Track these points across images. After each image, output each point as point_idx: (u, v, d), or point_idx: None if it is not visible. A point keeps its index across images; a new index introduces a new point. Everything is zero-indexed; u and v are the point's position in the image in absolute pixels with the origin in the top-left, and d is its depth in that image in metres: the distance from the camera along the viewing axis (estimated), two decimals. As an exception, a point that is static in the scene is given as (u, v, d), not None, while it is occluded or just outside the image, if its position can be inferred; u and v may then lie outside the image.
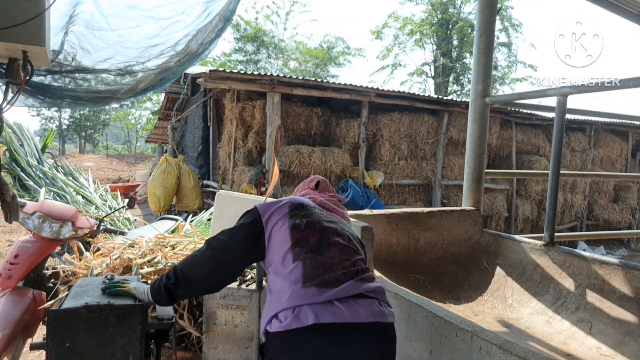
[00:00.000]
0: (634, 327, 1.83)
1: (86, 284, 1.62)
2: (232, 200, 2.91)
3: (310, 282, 1.25)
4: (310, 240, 1.35)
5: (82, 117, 34.62)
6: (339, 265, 1.32)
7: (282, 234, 1.38)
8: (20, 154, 6.85)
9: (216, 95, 7.61)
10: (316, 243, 1.35)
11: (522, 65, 17.48)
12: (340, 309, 1.21)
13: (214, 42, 2.31)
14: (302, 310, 1.20)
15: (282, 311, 1.23)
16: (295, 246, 1.33)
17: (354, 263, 1.35)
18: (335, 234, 1.41)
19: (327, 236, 1.38)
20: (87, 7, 1.89)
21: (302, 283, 1.25)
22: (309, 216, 1.43)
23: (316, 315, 1.18)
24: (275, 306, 1.26)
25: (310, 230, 1.37)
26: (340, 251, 1.36)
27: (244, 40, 19.53)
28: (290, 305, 1.22)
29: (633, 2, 3.63)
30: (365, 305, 1.24)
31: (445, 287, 2.43)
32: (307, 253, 1.32)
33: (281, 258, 1.33)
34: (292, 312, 1.21)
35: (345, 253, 1.36)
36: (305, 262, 1.29)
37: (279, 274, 1.32)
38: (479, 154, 2.85)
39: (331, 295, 1.22)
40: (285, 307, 1.23)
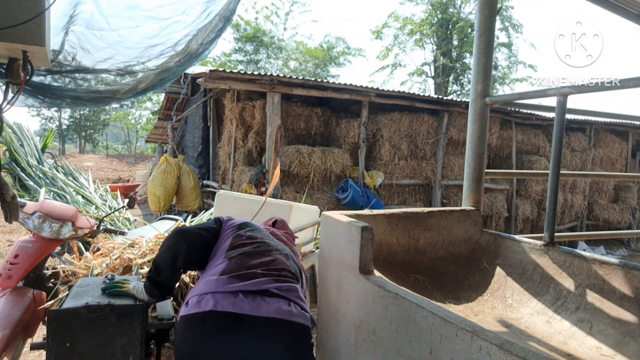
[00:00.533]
0: (634, 327, 1.83)
1: (86, 284, 1.62)
2: (232, 200, 2.92)
3: (226, 274, 1.31)
4: (246, 247, 1.44)
5: (82, 117, 34.63)
6: (264, 268, 1.38)
7: (224, 243, 1.48)
8: (20, 154, 6.84)
9: (216, 95, 7.61)
10: (250, 250, 1.43)
11: (522, 66, 17.51)
12: (242, 301, 1.23)
13: (214, 42, 2.32)
14: (205, 297, 1.24)
15: (191, 297, 1.28)
16: (229, 249, 1.43)
17: (279, 271, 1.40)
18: (275, 250, 1.49)
19: (264, 249, 1.47)
20: (87, 7, 1.89)
21: (219, 275, 1.31)
22: (253, 232, 1.55)
23: (216, 302, 1.22)
24: (189, 294, 1.31)
25: (250, 241, 1.47)
26: (272, 261, 1.42)
27: (244, 40, 19.54)
28: (198, 292, 1.28)
29: (633, 2, 3.63)
30: (270, 303, 1.26)
31: (445, 287, 2.43)
32: (237, 255, 1.40)
33: (215, 258, 1.43)
34: (197, 298, 1.26)
35: (276, 263, 1.42)
36: (231, 260, 1.38)
37: (207, 269, 1.40)
38: (479, 154, 2.85)
39: (238, 287, 1.26)
40: (194, 293, 1.28)
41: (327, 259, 2.22)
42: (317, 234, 3.15)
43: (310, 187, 6.36)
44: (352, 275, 1.96)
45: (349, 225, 2.00)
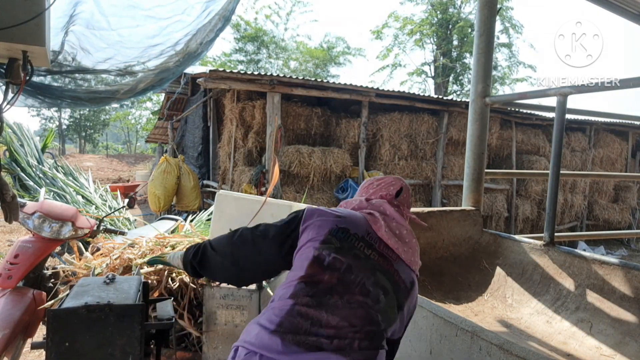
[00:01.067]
0: (634, 327, 1.83)
1: (87, 283, 1.62)
2: (232, 200, 2.92)
3: (281, 330, 1.03)
4: (321, 284, 1.09)
5: (82, 117, 34.64)
6: (335, 326, 1.04)
7: (303, 258, 1.16)
8: (20, 154, 6.85)
9: (216, 95, 7.61)
10: (324, 288, 1.09)
11: (522, 66, 17.50)
12: None
13: (212, 42, 2.32)
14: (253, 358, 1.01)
15: (241, 347, 1.05)
16: (301, 280, 1.11)
17: (354, 338, 1.03)
18: (360, 289, 1.10)
19: (343, 287, 1.10)
20: (87, 7, 1.89)
21: (274, 326, 1.03)
22: (342, 251, 1.15)
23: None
24: (243, 335, 1.09)
25: (329, 271, 1.11)
26: (350, 314, 1.06)
27: (244, 40, 19.54)
28: (248, 346, 1.04)
29: (633, 2, 3.63)
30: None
31: (445, 287, 2.43)
32: (305, 296, 1.08)
33: (286, 284, 1.14)
34: (245, 353, 1.03)
35: (356, 318, 1.06)
36: (295, 305, 1.06)
37: (273, 299, 1.14)
38: (479, 154, 2.85)
39: (292, 355, 0.99)
40: (244, 344, 1.05)
41: (327, 259, 2.21)
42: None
43: (310, 187, 6.36)
44: (352, 275, 1.96)
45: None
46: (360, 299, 1.09)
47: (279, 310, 1.07)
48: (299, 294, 1.08)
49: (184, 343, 2.50)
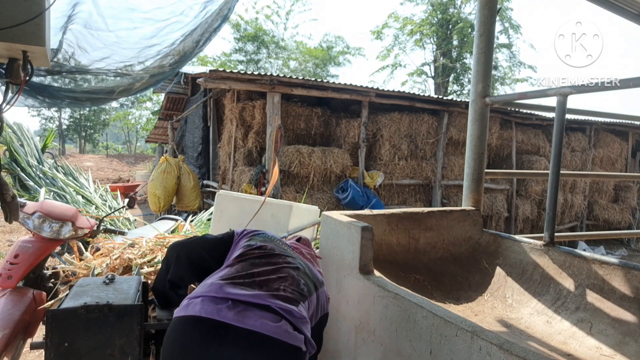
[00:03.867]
0: (634, 327, 1.83)
1: (87, 283, 1.62)
2: (232, 200, 2.91)
3: (223, 279, 1.25)
4: (252, 255, 1.39)
5: (82, 117, 34.66)
6: (264, 277, 1.28)
7: (235, 252, 1.46)
8: (20, 154, 6.84)
9: (216, 95, 7.61)
10: (255, 257, 1.38)
11: (523, 66, 17.50)
12: (230, 308, 1.14)
13: (209, 40, 2.31)
14: (194, 301, 1.19)
15: (186, 299, 1.22)
16: (237, 259, 1.39)
17: (281, 283, 1.28)
18: (282, 260, 1.39)
19: (270, 257, 1.39)
20: (85, 8, 1.89)
21: (216, 279, 1.26)
22: (265, 241, 1.49)
23: (202, 307, 1.15)
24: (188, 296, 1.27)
25: (258, 251, 1.42)
26: (274, 271, 1.32)
27: (244, 40, 19.54)
28: (192, 294, 1.22)
29: (633, 2, 3.63)
30: (260, 316, 1.14)
31: (445, 287, 2.42)
32: (241, 261, 1.37)
33: (222, 267, 1.40)
34: (187, 300, 1.21)
35: (281, 273, 1.31)
36: (232, 266, 1.34)
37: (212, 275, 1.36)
38: (479, 154, 2.85)
39: (229, 294, 1.18)
40: (189, 296, 1.23)
41: (327, 259, 2.22)
42: (317, 234, 3.15)
43: (310, 187, 6.36)
44: (352, 275, 1.96)
45: (349, 225, 2.00)
46: (284, 262, 1.39)
47: (216, 273, 1.35)
48: (234, 263, 1.37)
49: (184, 343, 2.49)
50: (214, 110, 7.91)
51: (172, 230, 3.74)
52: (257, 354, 1.11)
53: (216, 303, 1.16)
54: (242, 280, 1.25)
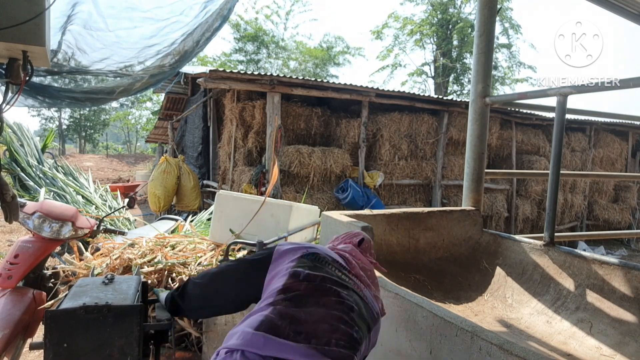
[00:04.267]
0: (634, 327, 1.83)
1: (86, 284, 1.62)
2: (232, 200, 2.91)
3: (263, 329, 1.05)
4: (298, 291, 1.15)
5: (82, 117, 34.66)
6: (312, 326, 1.07)
7: (277, 281, 1.22)
8: (20, 154, 6.84)
9: (216, 95, 7.61)
10: (301, 294, 1.14)
11: (523, 67, 17.49)
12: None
13: (209, 40, 2.31)
14: (234, 356, 1.03)
15: (223, 349, 1.07)
16: (280, 293, 1.15)
17: (332, 338, 1.06)
18: (337, 300, 1.14)
19: (321, 296, 1.14)
20: (85, 7, 1.88)
21: (255, 327, 1.06)
22: (315, 269, 1.22)
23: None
24: (225, 340, 1.10)
25: (306, 284, 1.17)
26: (325, 318, 1.09)
27: (244, 40, 19.54)
28: (231, 344, 1.05)
29: (633, 2, 3.63)
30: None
31: (445, 287, 2.42)
32: (284, 301, 1.12)
33: (264, 297, 1.19)
34: (225, 351, 1.05)
35: (331, 323, 1.09)
36: (274, 308, 1.11)
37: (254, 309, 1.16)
38: (479, 154, 2.85)
39: (274, 351, 1.02)
40: (226, 344, 1.07)
41: (326, 259, 2.21)
42: (317, 234, 3.14)
43: (310, 187, 6.36)
44: (351, 276, 1.95)
45: (349, 225, 2.00)
46: (336, 303, 1.14)
47: (259, 315, 1.10)
48: (277, 301, 1.13)
49: (184, 343, 2.50)
50: (214, 110, 7.91)
51: (172, 230, 3.74)
52: None
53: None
54: (287, 332, 1.05)
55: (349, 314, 1.13)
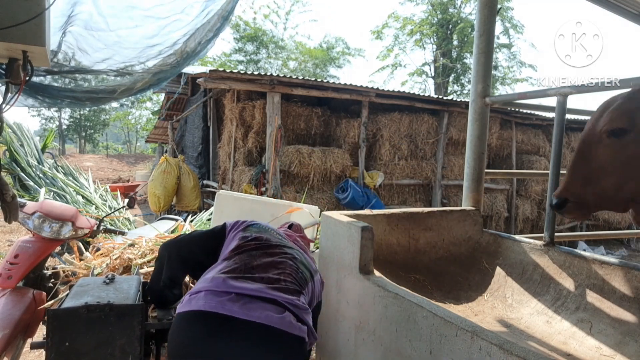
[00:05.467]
0: (634, 327, 1.83)
1: (87, 283, 1.62)
2: (232, 200, 2.92)
3: (223, 272, 1.27)
4: (249, 247, 1.40)
5: (82, 117, 34.64)
6: (262, 270, 1.29)
7: (230, 245, 1.45)
8: (20, 154, 6.84)
9: (216, 95, 7.61)
10: (252, 248, 1.39)
11: (523, 66, 17.51)
12: (233, 302, 1.15)
13: (211, 42, 2.32)
14: (197, 296, 1.19)
15: (188, 295, 1.23)
16: (233, 251, 1.39)
17: (280, 273, 1.30)
18: (279, 251, 1.41)
19: (267, 249, 1.41)
20: (85, 7, 1.88)
21: (216, 273, 1.27)
22: (260, 232, 1.50)
23: (205, 302, 1.15)
24: (189, 291, 1.27)
25: (254, 242, 1.43)
26: (273, 263, 1.34)
27: (244, 40, 19.54)
28: (194, 289, 1.23)
29: (633, 2, 3.63)
30: (269, 310, 1.16)
31: (445, 287, 2.43)
32: (239, 253, 1.38)
33: (219, 261, 1.40)
34: (189, 296, 1.22)
35: (280, 266, 1.33)
36: (231, 259, 1.35)
37: (210, 269, 1.37)
38: (479, 154, 2.85)
39: (232, 288, 1.19)
40: (191, 291, 1.24)
41: (327, 259, 2.22)
42: (317, 234, 3.15)
43: (310, 187, 6.36)
44: (352, 275, 1.96)
45: (349, 225, 2.00)
46: (281, 254, 1.40)
47: (216, 266, 1.35)
48: (231, 256, 1.37)
49: (184, 343, 2.49)
50: (214, 110, 7.91)
51: (172, 230, 3.74)
52: (262, 346, 1.12)
53: (219, 296, 1.16)
54: (242, 274, 1.26)
55: (292, 260, 1.40)
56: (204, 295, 1.18)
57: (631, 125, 1.37)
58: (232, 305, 1.13)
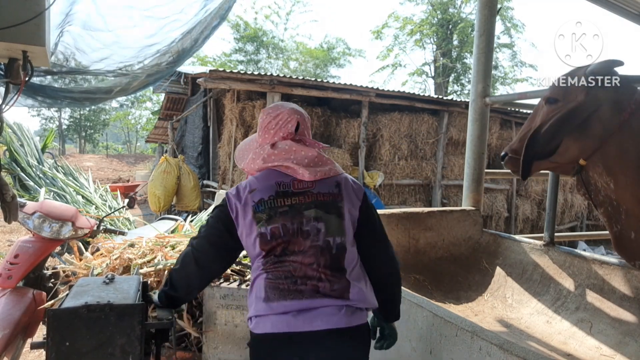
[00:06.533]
0: (634, 327, 1.83)
1: (87, 283, 1.62)
2: (232, 200, 2.91)
3: (270, 299, 1.28)
4: (275, 250, 1.32)
5: (82, 117, 34.62)
6: (302, 274, 1.29)
7: (251, 238, 1.34)
8: (20, 154, 6.84)
9: (216, 95, 7.61)
10: (278, 252, 1.32)
11: (524, 66, 17.52)
12: (295, 318, 1.25)
13: (207, 39, 2.31)
14: (262, 320, 1.28)
15: (251, 317, 1.32)
16: (261, 257, 1.33)
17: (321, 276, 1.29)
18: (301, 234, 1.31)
19: (291, 244, 1.31)
20: (84, 7, 1.88)
21: (263, 300, 1.29)
22: (271, 220, 1.31)
23: (272, 324, 1.26)
24: (250, 311, 1.34)
25: (274, 241, 1.31)
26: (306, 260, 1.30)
27: (244, 40, 19.54)
28: (254, 312, 1.31)
29: (633, 2, 3.63)
30: (329, 314, 1.26)
31: (445, 287, 2.43)
32: (268, 263, 1.32)
33: (254, 265, 1.37)
34: (255, 319, 1.30)
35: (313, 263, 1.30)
36: (267, 274, 1.31)
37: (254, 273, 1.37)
38: (479, 154, 2.85)
39: (285, 308, 1.26)
40: (252, 313, 1.32)
41: (327, 259, 2.21)
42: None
43: (310, 187, 6.35)
44: (352, 275, 1.95)
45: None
46: (307, 242, 1.30)
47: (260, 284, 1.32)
48: (265, 266, 1.32)
49: (184, 343, 2.50)
50: (214, 110, 7.91)
51: (172, 230, 3.74)
52: (339, 347, 1.25)
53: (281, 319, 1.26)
54: (289, 290, 1.28)
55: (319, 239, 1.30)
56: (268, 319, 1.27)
57: (562, 97, 1.77)
58: (296, 322, 1.25)
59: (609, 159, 1.68)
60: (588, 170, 1.76)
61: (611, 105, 1.67)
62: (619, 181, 1.69)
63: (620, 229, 1.76)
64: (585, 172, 1.78)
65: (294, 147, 1.37)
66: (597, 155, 1.70)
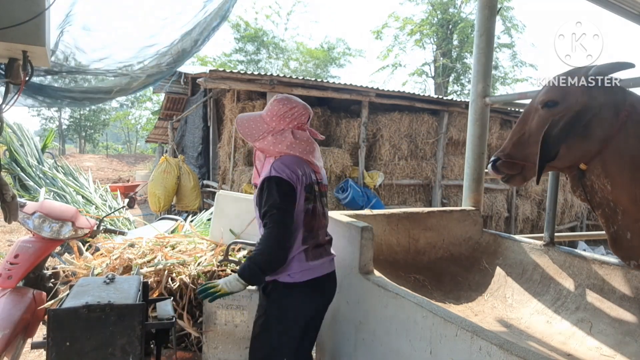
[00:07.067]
0: (634, 327, 1.83)
1: (87, 283, 1.62)
2: (232, 200, 2.91)
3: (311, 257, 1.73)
4: (313, 225, 1.75)
5: (82, 117, 34.62)
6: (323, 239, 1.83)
7: (300, 210, 1.69)
8: (20, 154, 6.85)
9: (216, 95, 7.61)
10: (313, 226, 1.75)
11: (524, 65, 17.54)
12: (323, 265, 1.78)
13: (207, 40, 2.32)
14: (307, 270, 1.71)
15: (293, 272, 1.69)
16: (305, 228, 1.72)
17: (326, 237, 1.87)
18: (323, 214, 1.83)
19: (320, 221, 1.79)
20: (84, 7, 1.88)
21: (307, 258, 1.72)
22: (310, 200, 1.72)
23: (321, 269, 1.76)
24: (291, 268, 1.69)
25: (312, 217, 1.74)
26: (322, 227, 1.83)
27: (244, 40, 19.55)
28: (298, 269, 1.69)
29: (633, 2, 3.63)
30: (328, 263, 1.82)
31: (445, 287, 2.43)
32: (310, 238, 1.74)
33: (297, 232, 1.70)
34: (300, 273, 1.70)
35: (322, 227, 1.83)
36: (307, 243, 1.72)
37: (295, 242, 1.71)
38: (479, 154, 2.85)
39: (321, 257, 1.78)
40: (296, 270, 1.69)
41: (327, 259, 2.22)
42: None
43: (310, 187, 6.34)
44: (352, 275, 1.96)
45: (349, 225, 2.00)
46: (324, 221, 1.85)
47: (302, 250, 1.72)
48: (306, 237, 1.73)
49: (184, 343, 2.50)
50: (214, 110, 7.91)
51: (172, 230, 3.74)
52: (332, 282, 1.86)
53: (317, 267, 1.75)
54: (320, 254, 1.77)
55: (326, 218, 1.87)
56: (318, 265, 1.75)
57: (562, 99, 1.70)
58: (323, 267, 1.77)
59: (607, 162, 1.66)
60: (586, 173, 1.74)
61: (611, 107, 1.64)
62: (616, 182, 1.67)
63: (616, 230, 1.76)
64: (583, 174, 1.76)
65: (310, 140, 1.79)
66: (597, 158, 1.68)
